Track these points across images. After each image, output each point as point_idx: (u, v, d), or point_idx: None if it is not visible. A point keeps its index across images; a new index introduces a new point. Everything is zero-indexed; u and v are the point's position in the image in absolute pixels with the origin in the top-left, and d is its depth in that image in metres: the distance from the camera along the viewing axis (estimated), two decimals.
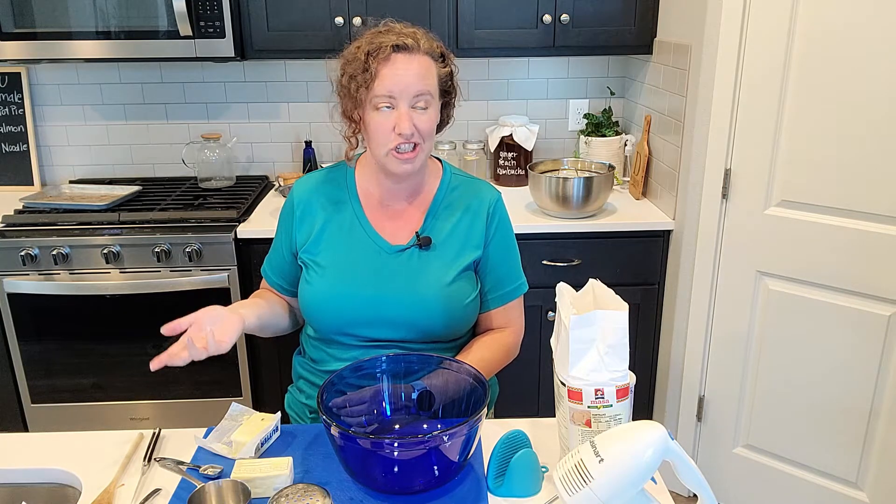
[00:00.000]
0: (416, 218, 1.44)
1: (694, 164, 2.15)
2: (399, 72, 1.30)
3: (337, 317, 1.39)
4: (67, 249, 2.24)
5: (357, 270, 1.40)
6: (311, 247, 1.43)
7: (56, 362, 2.36)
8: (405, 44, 1.30)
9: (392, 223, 1.44)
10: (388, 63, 1.30)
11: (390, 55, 1.30)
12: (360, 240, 1.42)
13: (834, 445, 2.06)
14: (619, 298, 1.15)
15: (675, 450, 0.97)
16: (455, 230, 1.43)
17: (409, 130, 1.30)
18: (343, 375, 1.24)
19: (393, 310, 1.38)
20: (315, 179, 1.49)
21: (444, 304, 1.38)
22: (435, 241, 1.42)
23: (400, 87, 1.30)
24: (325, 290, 1.39)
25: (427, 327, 1.39)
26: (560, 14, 2.38)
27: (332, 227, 1.43)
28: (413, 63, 1.31)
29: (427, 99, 1.32)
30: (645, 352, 2.49)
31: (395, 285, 1.39)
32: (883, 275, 1.88)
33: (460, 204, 1.45)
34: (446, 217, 1.44)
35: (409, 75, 1.30)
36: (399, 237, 1.43)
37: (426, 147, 1.36)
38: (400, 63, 1.30)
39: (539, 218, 2.37)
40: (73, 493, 1.22)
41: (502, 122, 2.71)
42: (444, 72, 1.37)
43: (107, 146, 2.81)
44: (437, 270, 1.40)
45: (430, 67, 1.33)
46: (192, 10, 2.26)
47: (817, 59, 1.86)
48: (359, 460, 1.10)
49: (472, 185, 1.49)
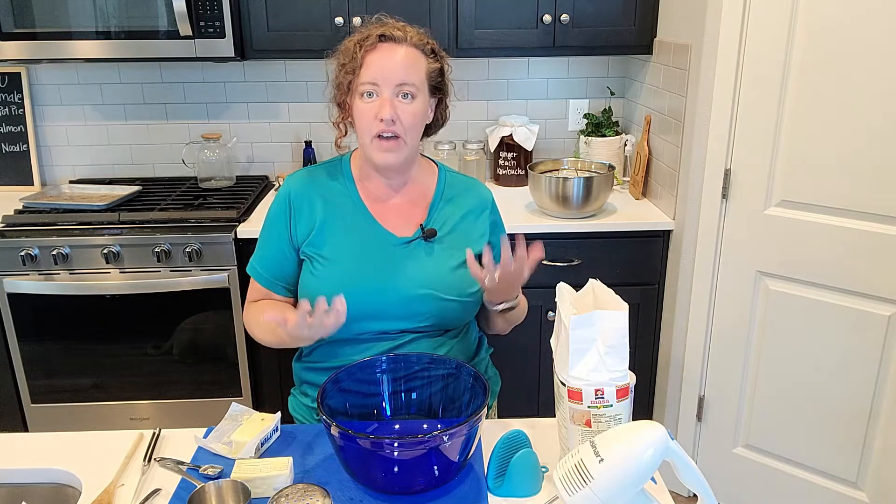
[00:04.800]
0: (417, 212, 1.46)
1: (694, 164, 2.15)
2: (383, 59, 1.33)
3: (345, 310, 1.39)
4: (67, 249, 2.24)
5: (366, 262, 1.40)
6: (315, 240, 1.42)
7: (56, 362, 2.36)
8: (392, 34, 1.34)
9: (394, 216, 1.45)
10: (374, 51, 1.33)
11: (376, 44, 1.34)
12: (365, 232, 1.42)
13: (834, 445, 2.06)
14: (619, 298, 1.15)
15: (675, 450, 0.97)
16: (459, 223, 1.46)
17: (389, 115, 1.32)
18: (343, 375, 1.24)
19: (402, 300, 1.38)
20: (309, 173, 1.48)
21: (452, 291, 1.40)
22: (440, 233, 1.44)
23: (384, 74, 1.32)
24: (334, 282, 1.38)
25: (435, 316, 1.40)
26: (560, 14, 2.38)
27: (335, 219, 1.43)
28: (398, 52, 1.34)
29: (411, 90, 1.34)
30: (645, 352, 2.49)
31: (404, 276, 1.39)
32: (883, 275, 1.87)
33: (460, 199, 1.49)
34: (448, 211, 1.47)
35: (393, 63, 1.33)
36: (403, 230, 1.44)
37: (409, 140, 1.37)
38: (384, 51, 1.34)
39: (539, 218, 2.37)
40: (73, 493, 1.21)
41: (502, 122, 2.71)
42: (434, 67, 1.39)
43: (107, 146, 2.81)
44: (443, 260, 1.42)
45: (417, 59, 1.36)
46: (192, 10, 2.25)
47: (817, 58, 1.86)
48: (359, 460, 1.10)
49: (467, 183, 1.54)
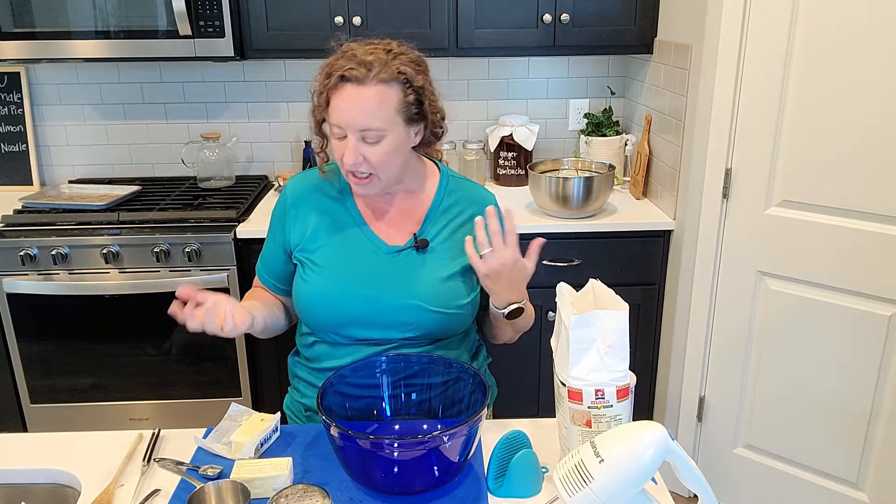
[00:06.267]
0: (412, 220, 1.44)
1: (694, 163, 2.15)
2: (344, 104, 1.27)
3: (333, 315, 1.39)
4: (67, 249, 2.24)
5: (355, 270, 1.40)
6: (307, 245, 1.42)
7: (55, 362, 2.36)
8: (353, 75, 1.25)
9: (388, 224, 1.44)
10: (337, 92, 1.27)
11: (338, 84, 1.27)
12: (357, 239, 1.42)
13: (834, 445, 2.06)
14: (619, 298, 1.15)
15: (675, 450, 0.97)
16: (455, 233, 1.44)
17: (351, 162, 1.29)
18: (343, 375, 1.24)
19: (389, 310, 1.38)
20: (310, 177, 1.48)
21: (438, 303, 1.38)
22: (432, 243, 1.42)
23: (345, 120, 1.28)
24: (323, 288, 1.39)
25: (421, 327, 1.39)
26: (560, 13, 2.38)
27: (328, 225, 1.43)
28: (358, 97, 1.26)
29: (376, 135, 1.28)
30: (645, 352, 2.49)
31: (392, 285, 1.38)
32: (883, 275, 1.87)
33: (458, 209, 1.46)
34: (445, 221, 1.44)
35: (354, 110, 1.27)
36: (396, 238, 1.43)
37: (383, 175, 1.34)
38: (346, 95, 1.27)
39: (539, 218, 2.37)
40: (73, 494, 1.21)
41: (502, 122, 2.71)
42: (408, 99, 1.30)
43: (106, 146, 2.81)
44: (433, 271, 1.40)
45: (383, 98, 1.27)
46: (192, 10, 2.25)
47: (818, 58, 1.86)
48: (358, 461, 1.10)
49: (469, 189, 1.50)
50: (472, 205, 1.47)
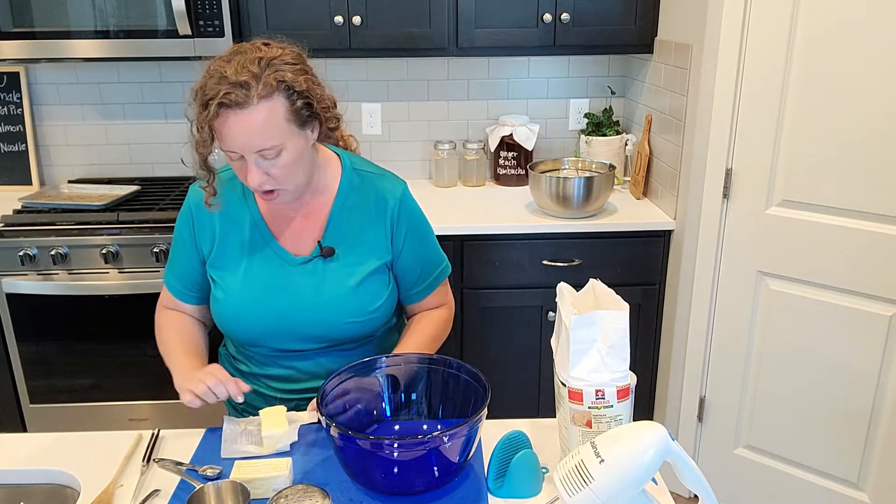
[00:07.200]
0: (317, 223, 1.39)
1: (695, 163, 2.14)
2: (232, 132, 1.19)
3: (248, 331, 1.39)
4: (66, 249, 2.24)
5: (262, 286, 1.37)
6: (216, 261, 1.39)
7: (55, 362, 2.35)
8: (232, 100, 1.16)
9: (293, 230, 1.39)
10: (220, 121, 1.19)
11: (219, 113, 1.18)
12: (262, 253, 1.38)
13: (835, 446, 2.06)
14: (619, 299, 1.15)
15: (675, 450, 0.97)
16: (359, 236, 1.39)
17: (257, 183, 1.24)
18: (342, 376, 1.23)
19: (302, 324, 1.37)
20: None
21: (351, 310, 1.37)
22: (338, 249, 1.38)
23: (238, 146, 1.21)
24: (234, 306, 1.37)
25: (336, 335, 1.39)
26: (560, 13, 2.38)
27: (234, 239, 1.39)
28: (244, 121, 1.18)
29: (273, 151, 1.21)
30: (646, 352, 2.48)
31: (302, 299, 1.36)
32: (884, 275, 1.87)
33: (362, 206, 1.39)
34: (349, 222, 1.39)
35: (244, 136, 1.19)
36: (301, 246, 1.39)
37: (290, 185, 1.28)
38: (231, 123, 1.18)
39: (539, 218, 2.36)
40: (72, 494, 1.21)
41: (502, 122, 2.70)
42: (296, 105, 1.22)
43: (105, 146, 2.80)
44: (342, 279, 1.37)
45: (269, 115, 1.19)
46: (192, 9, 2.25)
47: (818, 58, 1.86)
48: (358, 461, 1.09)
49: (374, 182, 1.41)
50: (378, 201, 1.39)
